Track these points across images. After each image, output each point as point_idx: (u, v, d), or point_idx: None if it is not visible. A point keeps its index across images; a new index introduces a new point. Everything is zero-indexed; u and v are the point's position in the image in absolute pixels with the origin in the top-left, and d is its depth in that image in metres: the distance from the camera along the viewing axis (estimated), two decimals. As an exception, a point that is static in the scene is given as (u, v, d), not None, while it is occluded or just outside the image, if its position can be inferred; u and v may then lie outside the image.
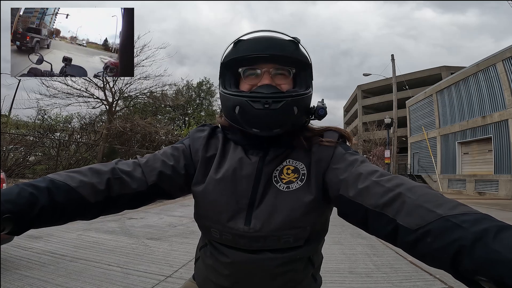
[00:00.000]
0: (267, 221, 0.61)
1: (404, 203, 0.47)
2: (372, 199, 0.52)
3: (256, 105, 0.60)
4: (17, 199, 0.47)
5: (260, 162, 0.65)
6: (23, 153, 10.18)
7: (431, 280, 2.61)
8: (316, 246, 0.70)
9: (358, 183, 0.55)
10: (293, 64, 0.65)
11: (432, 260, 0.43)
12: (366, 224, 0.54)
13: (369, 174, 0.56)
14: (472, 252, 0.36)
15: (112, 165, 0.62)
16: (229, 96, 0.64)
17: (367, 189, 0.53)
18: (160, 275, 2.52)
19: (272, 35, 0.66)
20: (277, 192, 0.63)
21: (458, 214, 0.41)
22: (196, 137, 0.72)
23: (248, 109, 0.61)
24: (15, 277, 2.30)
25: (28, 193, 0.49)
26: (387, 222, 0.48)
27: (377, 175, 0.55)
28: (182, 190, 0.69)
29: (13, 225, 0.47)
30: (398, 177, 0.53)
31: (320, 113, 0.69)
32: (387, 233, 0.49)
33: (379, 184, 0.52)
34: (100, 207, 0.58)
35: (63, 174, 0.56)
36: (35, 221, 0.49)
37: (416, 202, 0.46)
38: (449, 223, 0.40)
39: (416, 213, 0.45)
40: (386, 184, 0.52)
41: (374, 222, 0.51)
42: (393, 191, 0.50)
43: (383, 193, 0.51)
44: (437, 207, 0.43)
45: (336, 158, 0.64)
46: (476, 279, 0.36)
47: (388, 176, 0.54)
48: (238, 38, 0.66)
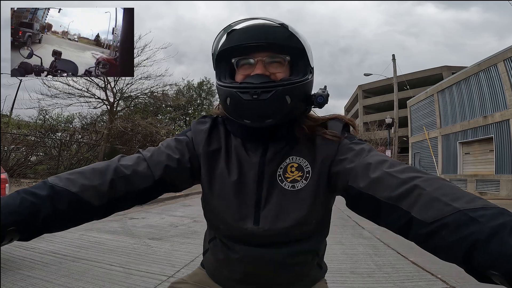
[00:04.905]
0: (275, 221, 0.62)
1: (420, 196, 0.45)
2: (385, 191, 0.50)
3: (245, 96, 0.59)
4: (19, 210, 0.47)
5: (261, 162, 0.65)
6: (24, 153, 10.19)
7: (433, 280, 2.60)
8: (322, 237, 0.71)
9: (368, 174, 0.54)
10: (288, 51, 0.63)
11: (445, 254, 0.42)
12: (378, 216, 0.52)
13: (379, 163, 0.54)
14: (487, 246, 0.36)
15: (115, 163, 0.61)
16: (221, 88, 0.64)
17: (379, 180, 0.52)
18: (162, 275, 2.53)
19: (264, 22, 0.63)
20: (283, 192, 0.63)
21: (476, 208, 0.40)
22: (197, 130, 0.70)
23: (238, 100, 0.60)
24: (18, 277, 2.30)
25: (30, 203, 0.48)
26: (401, 215, 0.47)
27: (388, 165, 0.53)
28: (187, 182, 0.69)
29: (19, 236, 0.47)
30: (410, 168, 0.52)
31: (319, 101, 0.66)
32: (400, 226, 0.48)
33: (392, 175, 0.51)
34: (106, 208, 0.58)
35: (64, 178, 0.54)
36: (41, 229, 0.50)
37: (433, 195, 0.44)
38: (466, 217, 0.40)
39: (432, 206, 0.43)
40: (400, 176, 0.50)
41: (387, 214, 0.50)
42: (408, 183, 0.48)
43: (397, 185, 0.49)
44: (454, 200, 0.42)
45: (341, 150, 0.63)
46: (488, 274, 0.36)
47: (400, 167, 0.52)
48: (227, 26, 0.64)
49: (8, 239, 0.46)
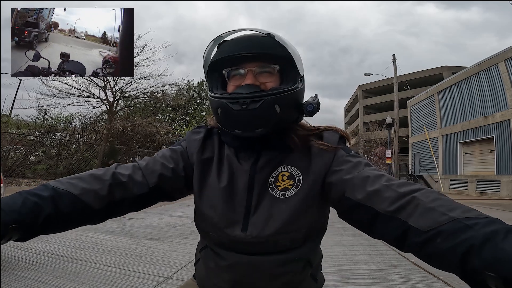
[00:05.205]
0: (263, 228, 0.62)
1: (417, 206, 0.47)
2: (384, 203, 0.51)
3: (235, 106, 0.60)
4: (22, 209, 0.48)
5: (252, 169, 0.65)
6: (23, 153, 10.17)
7: (435, 282, 2.57)
8: (314, 246, 0.70)
9: (366, 186, 0.55)
10: (277, 61, 0.64)
11: (440, 261, 0.43)
12: (372, 227, 0.53)
13: (377, 177, 0.56)
14: (481, 252, 0.37)
15: (112, 170, 0.63)
16: (212, 99, 0.65)
17: (378, 192, 0.53)
18: (160, 277, 2.49)
19: (253, 33, 0.65)
20: (273, 200, 0.63)
21: (471, 217, 0.42)
22: (191, 140, 0.72)
23: (228, 110, 0.61)
24: (12, 278, 2.27)
25: (33, 203, 0.49)
26: (398, 225, 0.48)
27: (385, 179, 0.55)
28: (182, 192, 0.70)
29: (19, 235, 0.48)
30: (408, 182, 0.54)
31: (309, 109, 0.67)
32: (395, 236, 0.49)
33: (391, 188, 0.52)
34: (104, 212, 0.59)
35: (65, 182, 0.56)
36: (41, 230, 0.51)
37: (429, 206, 0.46)
38: (460, 224, 0.41)
39: (428, 215, 0.45)
40: (399, 189, 0.51)
41: (382, 225, 0.51)
42: (407, 195, 0.50)
43: (396, 197, 0.50)
44: (450, 210, 0.44)
45: (337, 161, 0.63)
46: (484, 276, 0.36)
47: (398, 181, 0.54)
48: (217, 37, 0.66)
49: (7, 238, 0.46)
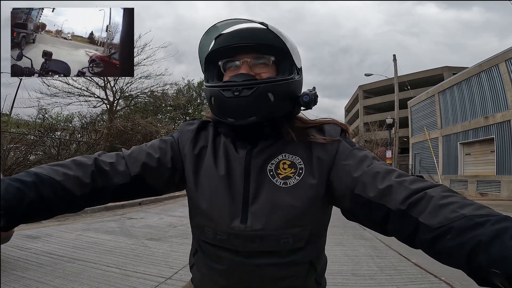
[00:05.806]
0: (265, 219, 0.58)
1: (429, 203, 0.46)
2: (396, 201, 0.50)
3: (227, 94, 0.60)
4: (5, 194, 0.47)
5: (248, 155, 0.63)
6: (23, 152, 10.15)
7: (436, 282, 2.56)
8: (317, 249, 0.66)
9: (377, 183, 0.53)
10: (272, 52, 0.63)
11: (448, 257, 0.42)
12: (384, 225, 0.52)
13: (387, 173, 0.54)
14: (489, 248, 0.37)
15: (95, 157, 0.62)
16: (206, 88, 0.65)
17: (390, 189, 0.51)
18: (160, 277, 2.48)
19: (249, 24, 0.64)
20: (275, 188, 0.60)
21: (482, 215, 0.41)
22: (185, 130, 0.71)
23: (220, 98, 0.61)
24: (12, 278, 2.26)
25: (15, 188, 0.48)
26: (409, 222, 0.47)
27: (396, 175, 0.53)
28: (168, 185, 0.67)
29: (4, 222, 0.47)
30: (419, 179, 0.52)
31: (304, 100, 0.65)
32: (408, 234, 0.48)
33: (403, 185, 0.51)
34: (86, 199, 0.58)
35: (47, 168, 0.55)
36: (24, 216, 0.50)
37: (441, 202, 0.45)
38: (471, 221, 0.40)
39: (439, 212, 0.44)
40: (411, 186, 0.50)
41: (395, 223, 0.50)
42: (419, 192, 0.48)
43: (408, 195, 0.49)
44: (462, 207, 0.43)
45: (343, 154, 0.61)
46: (490, 274, 0.36)
47: (410, 178, 0.53)
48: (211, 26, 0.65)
49: None
